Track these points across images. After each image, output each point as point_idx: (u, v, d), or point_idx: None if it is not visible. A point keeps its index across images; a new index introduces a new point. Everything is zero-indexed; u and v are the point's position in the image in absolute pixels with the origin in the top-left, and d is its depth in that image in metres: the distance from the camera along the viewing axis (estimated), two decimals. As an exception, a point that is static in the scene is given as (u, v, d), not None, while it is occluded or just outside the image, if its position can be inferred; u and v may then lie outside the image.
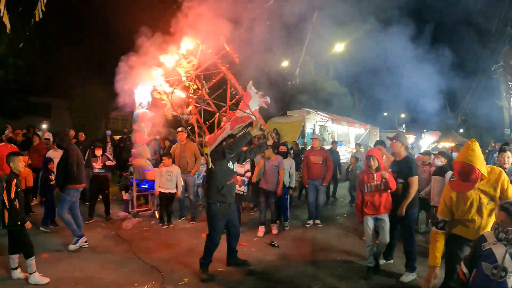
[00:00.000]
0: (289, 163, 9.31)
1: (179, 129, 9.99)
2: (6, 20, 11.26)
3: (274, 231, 8.83)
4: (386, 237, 6.16)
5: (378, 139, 14.36)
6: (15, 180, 5.79)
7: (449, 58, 21.84)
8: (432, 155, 9.20)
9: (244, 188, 9.22)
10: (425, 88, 20.56)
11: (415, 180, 6.15)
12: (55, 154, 9.76)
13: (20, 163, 6.01)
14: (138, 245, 7.75)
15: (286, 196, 9.39)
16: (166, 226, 9.25)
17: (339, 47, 18.73)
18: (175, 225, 9.46)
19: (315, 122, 21.95)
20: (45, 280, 5.81)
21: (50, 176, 9.02)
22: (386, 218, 6.16)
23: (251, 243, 8.07)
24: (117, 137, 16.43)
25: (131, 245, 7.73)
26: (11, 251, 5.92)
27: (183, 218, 9.96)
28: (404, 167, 6.25)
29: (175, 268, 6.49)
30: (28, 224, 5.91)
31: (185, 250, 7.48)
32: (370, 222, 6.22)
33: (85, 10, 30.48)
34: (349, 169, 13.25)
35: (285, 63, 19.35)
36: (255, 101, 6.72)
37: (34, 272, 5.83)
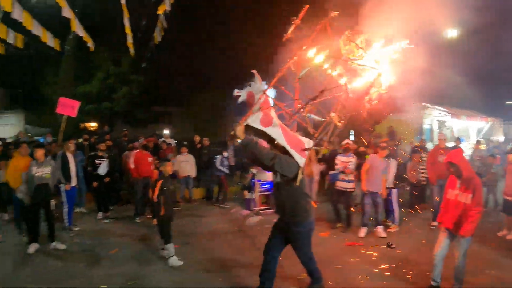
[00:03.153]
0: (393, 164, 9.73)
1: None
2: (131, 45, 13.46)
3: (362, 233, 9.11)
4: None
5: (502, 132, 13.63)
6: (161, 181, 7.46)
7: None
8: None
9: (353, 185, 9.69)
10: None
11: None
12: (184, 158, 11.24)
13: (168, 167, 7.79)
14: (260, 240, 8.57)
15: (390, 197, 9.75)
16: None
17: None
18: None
19: (433, 117, 21.10)
20: (180, 262, 7.20)
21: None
22: None
23: (367, 243, 8.58)
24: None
25: (254, 240, 8.68)
26: (165, 241, 7.40)
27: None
28: None
29: (295, 263, 7.15)
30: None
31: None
32: None
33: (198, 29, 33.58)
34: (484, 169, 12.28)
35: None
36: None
37: (173, 256, 7.25)
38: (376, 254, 7.86)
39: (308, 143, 5.17)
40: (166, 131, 17.25)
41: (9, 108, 33.67)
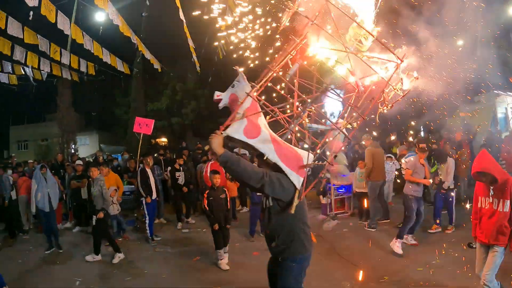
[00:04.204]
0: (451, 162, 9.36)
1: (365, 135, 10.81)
2: (197, 63, 14.24)
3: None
4: None
5: None
6: (207, 191, 8.12)
7: None
8: None
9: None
10: None
11: None
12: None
13: (217, 179, 8.19)
14: (339, 244, 8.64)
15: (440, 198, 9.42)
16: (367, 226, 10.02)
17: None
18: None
19: (506, 105, 19.82)
20: (226, 267, 7.78)
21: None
22: None
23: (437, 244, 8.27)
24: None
25: (333, 245, 8.68)
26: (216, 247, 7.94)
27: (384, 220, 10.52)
28: None
29: (376, 266, 7.18)
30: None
31: (386, 251, 8.05)
32: None
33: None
34: None
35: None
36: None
37: (222, 259, 7.87)
38: (456, 254, 7.59)
39: (307, 158, 4.12)
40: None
41: (84, 130, 35.80)
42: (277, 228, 4.18)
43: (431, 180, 8.95)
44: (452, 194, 9.36)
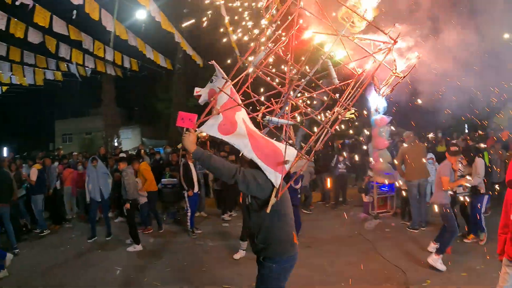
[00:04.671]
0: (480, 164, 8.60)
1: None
2: (239, 58, 14.43)
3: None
4: None
5: None
6: None
7: None
8: None
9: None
10: None
11: None
12: (300, 163, 11.60)
13: None
14: (381, 244, 8.55)
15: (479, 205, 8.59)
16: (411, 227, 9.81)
17: None
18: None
19: None
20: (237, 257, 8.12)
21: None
22: None
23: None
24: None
25: (375, 245, 8.58)
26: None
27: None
28: None
29: (418, 269, 7.07)
30: None
31: (429, 253, 7.73)
32: None
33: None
34: None
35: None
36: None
37: (238, 252, 8.29)
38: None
39: (289, 153, 3.91)
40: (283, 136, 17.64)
41: (126, 124, 36.63)
42: (255, 226, 4.01)
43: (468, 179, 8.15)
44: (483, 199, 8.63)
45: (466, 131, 19.31)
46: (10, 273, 7.96)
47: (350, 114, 4.40)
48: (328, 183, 13.22)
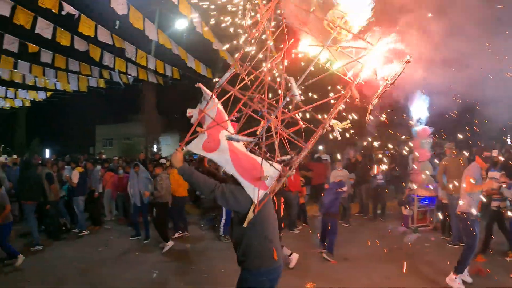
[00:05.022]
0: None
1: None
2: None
3: None
4: None
5: None
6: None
7: None
8: None
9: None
10: None
11: None
12: (339, 174, 11.60)
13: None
14: (420, 260, 8.42)
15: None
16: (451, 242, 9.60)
17: None
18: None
19: None
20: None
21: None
22: None
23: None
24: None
25: (414, 259, 8.44)
26: None
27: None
28: None
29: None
30: None
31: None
32: None
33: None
34: None
35: None
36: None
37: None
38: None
39: (269, 169, 3.99)
40: (321, 147, 17.57)
41: (166, 130, 37.35)
42: (237, 239, 4.16)
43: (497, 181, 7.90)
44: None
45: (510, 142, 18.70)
46: (50, 270, 8.48)
47: (344, 124, 4.34)
48: (366, 194, 13.15)
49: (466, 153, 10.76)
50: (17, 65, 14.23)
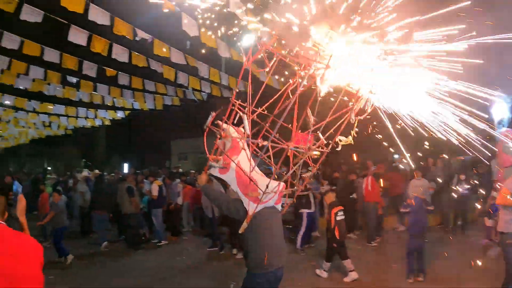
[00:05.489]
0: None
1: None
2: None
3: None
4: None
5: None
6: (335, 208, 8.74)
7: None
8: None
9: None
10: None
11: None
12: (418, 183, 11.41)
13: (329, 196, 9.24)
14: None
15: None
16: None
17: None
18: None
19: None
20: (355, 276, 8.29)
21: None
22: None
23: None
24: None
25: (498, 276, 7.97)
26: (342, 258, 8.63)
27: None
28: None
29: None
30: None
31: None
32: None
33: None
34: None
35: None
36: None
37: (351, 271, 8.35)
38: None
39: (264, 185, 4.57)
40: (396, 155, 17.26)
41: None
42: (241, 244, 5.43)
43: None
44: None
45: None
46: (129, 276, 9.24)
47: (346, 140, 4.93)
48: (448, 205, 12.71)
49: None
50: (97, 88, 15.27)
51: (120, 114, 21.58)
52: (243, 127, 4.74)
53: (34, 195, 15.56)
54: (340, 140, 4.91)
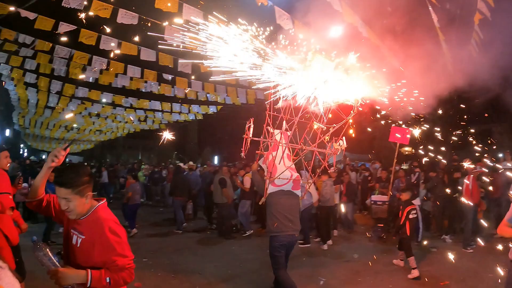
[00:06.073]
0: None
1: None
2: None
3: None
4: None
5: None
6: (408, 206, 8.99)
7: None
8: None
9: None
10: None
11: None
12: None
13: (403, 196, 9.41)
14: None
15: None
16: None
17: None
18: None
19: None
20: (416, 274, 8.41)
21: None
22: None
23: None
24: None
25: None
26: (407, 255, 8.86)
27: None
28: None
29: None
30: None
31: None
32: None
33: None
34: None
35: None
36: None
37: (414, 268, 8.48)
38: None
39: (279, 172, 6.43)
40: (501, 154, 16.20)
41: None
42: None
43: None
44: None
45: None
46: (220, 264, 9.58)
47: (339, 145, 6.43)
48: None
49: None
50: (191, 84, 16.01)
51: (212, 109, 22.34)
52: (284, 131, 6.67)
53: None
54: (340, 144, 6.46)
